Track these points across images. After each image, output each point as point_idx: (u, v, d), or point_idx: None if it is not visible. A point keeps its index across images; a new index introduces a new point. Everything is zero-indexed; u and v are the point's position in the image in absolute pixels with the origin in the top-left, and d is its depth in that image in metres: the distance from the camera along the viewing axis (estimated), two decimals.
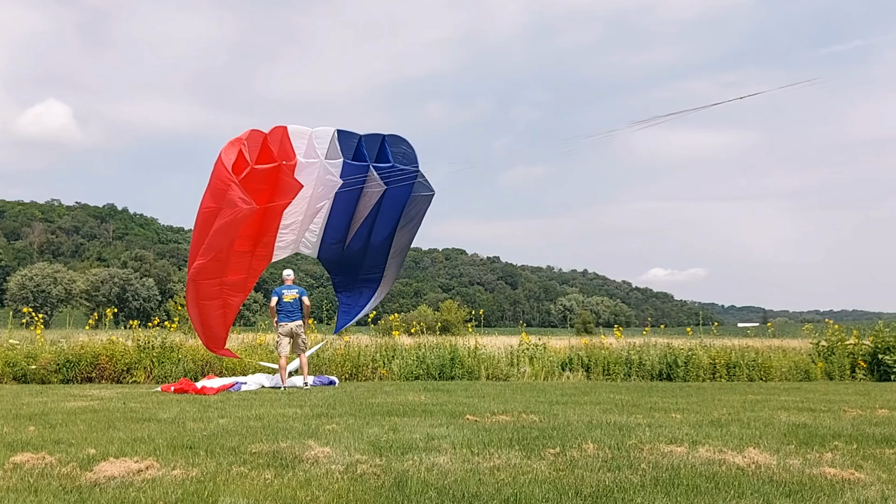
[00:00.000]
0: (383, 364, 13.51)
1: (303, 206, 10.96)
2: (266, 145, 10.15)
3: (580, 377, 13.84)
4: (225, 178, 9.54)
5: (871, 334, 14.91)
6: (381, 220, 11.46)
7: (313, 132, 10.56)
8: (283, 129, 10.36)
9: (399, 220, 11.54)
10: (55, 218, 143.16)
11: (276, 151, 10.23)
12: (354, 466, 4.62)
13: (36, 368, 12.34)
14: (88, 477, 4.29)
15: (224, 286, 10.44)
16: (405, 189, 11.13)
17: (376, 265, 12.03)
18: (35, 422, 6.74)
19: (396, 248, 11.86)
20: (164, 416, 7.28)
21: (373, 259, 11.92)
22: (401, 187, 11.04)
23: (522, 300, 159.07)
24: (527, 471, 4.54)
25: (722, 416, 7.41)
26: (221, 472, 4.43)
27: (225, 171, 9.56)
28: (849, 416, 7.54)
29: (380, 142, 10.96)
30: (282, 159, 10.29)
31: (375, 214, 11.39)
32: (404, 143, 11.08)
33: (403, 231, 11.75)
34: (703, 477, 4.37)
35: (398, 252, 11.96)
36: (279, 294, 11.63)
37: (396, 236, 11.70)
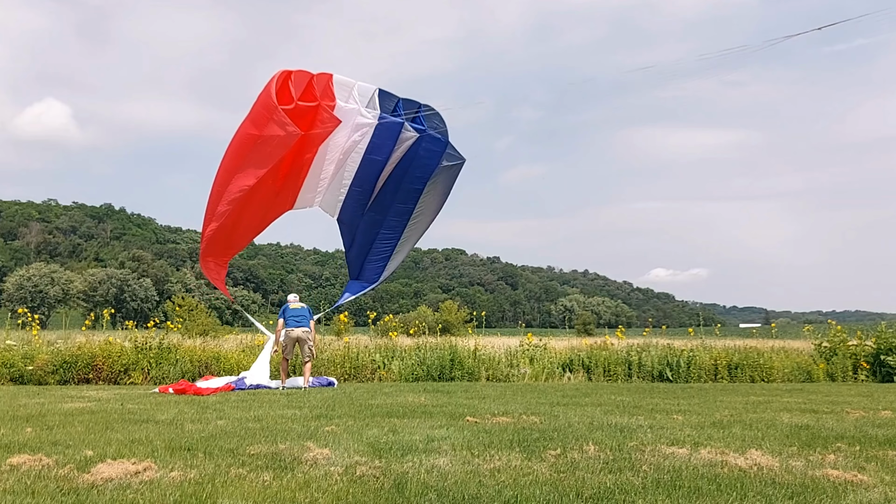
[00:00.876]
0: (383, 365, 13.48)
1: (336, 154, 11.07)
2: (311, 86, 10.52)
3: (581, 378, 13.81)
4: (269, 105, 9.93)
5: (874, 335, 14.88)
6: (406, 184, 11.53)
7: (357, 85, 10.91)
8: (329, 76, 10.77)
9: (425, 187, 11.61)
10: (52, 218, 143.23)
11: (318, 94, 10.54)
12: (354, 468, 4.59)
13: (33, 369, 12.31)
14: (86, 479, 4.27)
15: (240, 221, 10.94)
16: (434, 158, 11.26)
17: (396, 228, 12.00)
18: (32, 423, 6.71)
19: (420, 212, 11.90)
20: (162, 417, 7.24)
21: (394, 220, 11.91)
22: (430, 155, 11.16)
23: (523, 301, 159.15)
24: (527, 472, 4.51)
25: (724, 418, 7.38)
26: (220, 474, 4.40)
27: (270, 99, 9.94)
28: (852, 418, 7.51)
29: (416, 109, 11.19)
30: (323, 101, 10.62)
31: (401, 178, 11.45)
32: (437, 118, 11.30)
33: (429, 196, 11.77)
34: (705, 479, 4.35)
35: (422, 216, 11.98)
36: (284, 310, 11.55)
37: (420, 201, 11.76)
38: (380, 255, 12.17)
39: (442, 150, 11.22)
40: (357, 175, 11.42)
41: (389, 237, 12.02)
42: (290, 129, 9.84)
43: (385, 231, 11.95)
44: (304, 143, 10.59)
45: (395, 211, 11.76)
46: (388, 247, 12.11)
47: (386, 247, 12.11)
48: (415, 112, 11.13)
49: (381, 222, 11.88)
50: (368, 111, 10.94)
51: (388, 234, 11.99)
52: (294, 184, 11.18)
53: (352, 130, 10.91)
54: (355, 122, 10.87)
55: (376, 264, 12.25)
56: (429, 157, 11.22)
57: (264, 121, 10.02)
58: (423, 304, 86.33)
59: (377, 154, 11.15)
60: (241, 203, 10.61)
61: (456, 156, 11.45)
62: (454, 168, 11.57)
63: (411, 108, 11.11)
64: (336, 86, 10.73)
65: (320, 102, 10.49)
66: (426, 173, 11.38)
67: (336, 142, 10.95)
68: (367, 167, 11.31)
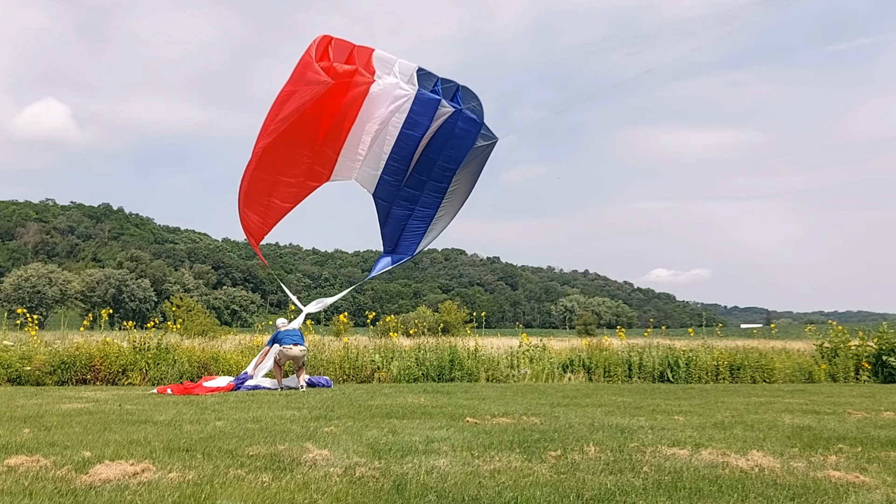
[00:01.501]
0: (382, 366, 13.45)
1: (374, 126, 11.14)
2: (352, 55, 10.66)
3: (581, 379, 13.79)
4: (307, 61, 10.16)
5: (876, 336, 14.86)
6: (441, 162, 11.57)
7: (398, 62, 11.00)
8: (371, 50, 10.92)
9: (459, 166, 11.67)
10: (50, 218, 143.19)
11: (358, 66, 10.68)
12: (353, 469, 4.57)
13: (30, 370, 12.26)
14: (84, 480, 4.25)
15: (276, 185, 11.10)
16: (469, 138, 11.33)
17: (431, 205, 12.07)
18: (30, 424, 6.68)
19: (454, 192, 11.96)
20: (161, 418, 7.22)
21: (429, 198, 11.98)
22: (465, 135, 11.25)
23: (523, 301, 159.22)
24: (528, 473, 4.49)
25: (725, 419, 7.37)
26: (218, 475, 4.38)
27: (308, 57, 10.16)
28: (853, 419, 7.50)
29: (454, 90, 11.25)
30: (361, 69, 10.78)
31: (436, 156, 11.51)
32: (475, 100, 11.35)
33: (463, 175, 11.83)
34: (706, 480, 4.34)
35: (455, 196, 12.05)
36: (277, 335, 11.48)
37: (454, 181, 11.81)
38: (414, 231, 12.28)
39: (477, 130, 11.32)
40: (394, 150, 11.50)
41: (424, 215, 12.13)
42: (324, 79, 10.05)
43: (420, 208, 12.06)
44: (341, 110, 10.75)
45: (430, 188, 11.85)
46: (423, 224, 12.22)
47: (420, 224, 12.22)
48: (453, 91, 11.23)
49: (416, 199, 11.98)
50: (408, 86, 11.05)
51: (422, 212, 12.10)
52: (332, 153, 11.30)
53: (391, 102, 11.03)
54: (394, 94, 10.98)
55: (412, 241, 12.38)
56: (464, 137, 11.32)
57: (301, 76, 10.31)
58: (423, 305, 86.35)
59: (414, 130, 11.24)
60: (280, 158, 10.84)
61: (489, 135, 11.54)
62: (488, 147, 11.66)
63: (450, 87, 11.23)
64: (376, 61, 10.86)
65: (358, 68, 10.65)
66: (461, 153, 11.47)
67: (375, 114, 11.05)
68: (403, 142, 11.39)
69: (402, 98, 10.94)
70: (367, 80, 10.70)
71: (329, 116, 10.73)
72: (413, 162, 11.59)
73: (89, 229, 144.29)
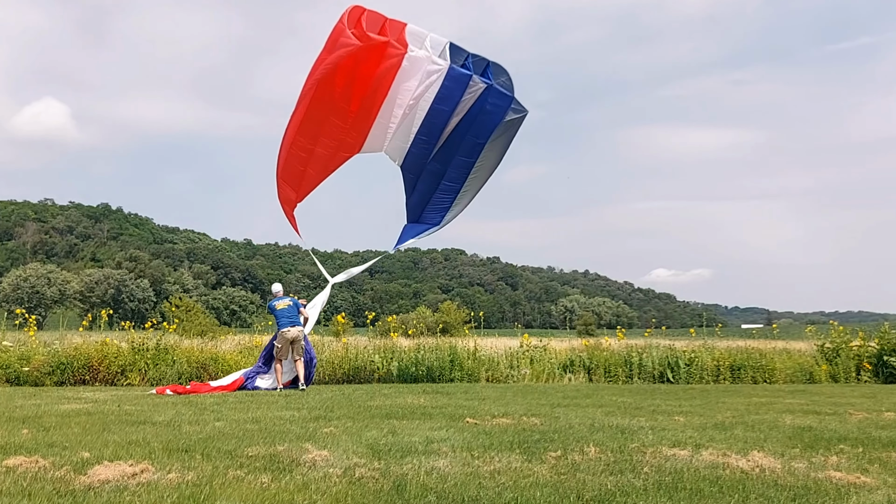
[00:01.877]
0: (382, 366, 13.43)
1: (406, 99, 11.20)
2: (384, 28, 10.78)
3: (581, 379, 13.78)
4: (339, 28, 10.32)
5: (877, 336, 14.85)
6: (470, 137, 11.61)
7: (429, 36, 11.07)
8: (404, 24, 11.06)
9: (487, 141, 11.69)
10: (48, 218, 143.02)
11: (390, 38, 10.77)
12: (353, 470, 4.55)
13: (29, 370, 12.24)
14: (82, 481, 4.23)
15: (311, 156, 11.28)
16: (498, 114, 11.35)
17: (457, 179, 12.10)
18: (28, 425, 6.66)
19: (480, 166, 11.99)
20: (160, 418, 7.20)
21: (456, 173, 12.02)
22: (495, 110, 11.27)
23: (523, 301, 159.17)
24: (528, 474, 4.48)
25: (726, 419, 7.36)
26: (217, 476, 4.36)
27: (340, 24, 10.33)
28: (855, 419, 7.50)
29: (485, 66, 11.27)
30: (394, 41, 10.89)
31: (466, 131, 11.55)
32: (505, 75, 11.37)
33: (491, 149, 11.85)
34: (707, 481, 4.32)
35: (481, 170, 12.08)
36: (272, 307, 11.69)
37: (483, 154, 11.83)
38: (439, 204, 12.33)
39: (507, 105, 11.35)
40: (424, 123, 11.56)
41: (450, 189, 12.17)
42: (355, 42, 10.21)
43: (446, 182, 12.10)
44: (374, 82, 10.83)
45: (457, 163, 11.89)
46: (448, 198, 12.26)
47: (446, 198, 12.27)
48: (483, 66, 11.27)
49: (442, 173, 12.03)
50: (440, 60, 11.11)
51: (448, 186, 12.14)
52: (364, 125, 11.39)
53: (423, 76, 11.08)
54: (426, 68, 11.03)
55: (437, 214, 12.44)
56: (494, 113, 11.35)
57: (333, 43, 10.46)
58: (423, 305, 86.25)
59: (445, 104, 11.27)
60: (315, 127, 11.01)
61: (519, 108, 11.55)
62: (517, 121, 11.69)
63: (481, 62, 11.26)
64: (409, 35, 10.96)
65: (390, 40, 10.73)
66: (490, 128, 11.50)
67: (406, 87, 11.09)
68: (434, 117, 11.45)
69: (434, 73, 10.99)
70: (399, 53, 10.75)
71: (362, 88, 10.83)
72: (442, 136, 11.64)
73: (88, 229, 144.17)
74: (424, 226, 12.46)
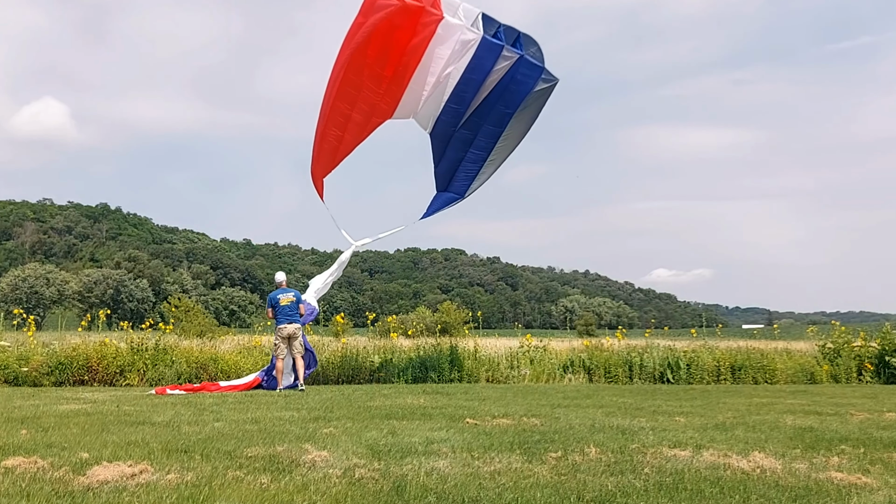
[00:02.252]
0: (381, 366, 13.41)
1: (438, 66, 11.25)
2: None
3: (582, 380, 13.76)
4: None
5: (878, 336, 14.82)
6: (499, 107, 11.63)
7: (462, 5, 11.10)
8: None
9: (516, 111, 11.72)
10: (47, 218, 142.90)
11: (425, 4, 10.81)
12: (352, 471, 4.54)
13: (28, 371, 12.21)
14: (81, 481, 4.22)
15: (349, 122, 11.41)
16: (528, 84, 11.40)
17: (485, 148, 12.16)
18: (27, 425, 6.64)
19: (508, 135, 12.05)
20: (159, 419, 7.19)
21: (484, 141, 12.07)
22: (525, 80, 11.33)
23: (523, 301, 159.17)
24: (528, 475, 4.46)
25: (727, 420, 7.35)
26: (217, 477, 4.35)
27: None
28: (856, 420, 7.49)
29: (516, 36, 11.31)
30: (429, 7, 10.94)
31: (495, 101, 11.58)
32: (535, 46, 11.41)
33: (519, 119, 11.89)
34: (708, 481, 4.31)
35: (509, 140, 12.13)
36: (275, 300, 11.56)
37: (511, 124, 11.87)
38: (467, 173, 12.38)
39: (537, 75, 11.39)
40: (454, 92, 11.61)
41: (477, 157, 12.23)
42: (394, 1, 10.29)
43: (474, 150, 12.15)
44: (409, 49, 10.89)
45: (485, 132, 11.94)
46: (476, 167, 12.32)
47: (473, 167, 12.33)
48: (515, 37, 11.30)
49: (470, 142, 12.09)
50: (473, 29, 11.16)
51: (476, 155, 12.19)
52: (397, 90, 11.46)
53: (455, 44, 11.13)
54: (460, 37, 11.08)
55: (463, 182, 12.49)
56: (524, 83, 11.38)
57: (370, 6, 10.54)
58: (422, 305, 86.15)
59: (476, 73, 11.32)
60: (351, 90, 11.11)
61: (549, 78, 11.58)
62: (547, 90, 11.70)
63: (512, 33, 11.31)
64: (443, 2, 11.01)
65: (426, 7, 10.78)
66: (519, 98, 11.54)
67: (439, 54, 11.16)
68: (464, 85, 11.49)
69: (467, 42, 11.03)
70: (435, 19, 10.80)
71: (397, 53, 10.88)
72: (472, 105, 11.68)
73: (87, 229, 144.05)
74: (451, 195, 12.52)
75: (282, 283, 11.91)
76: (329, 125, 11.60)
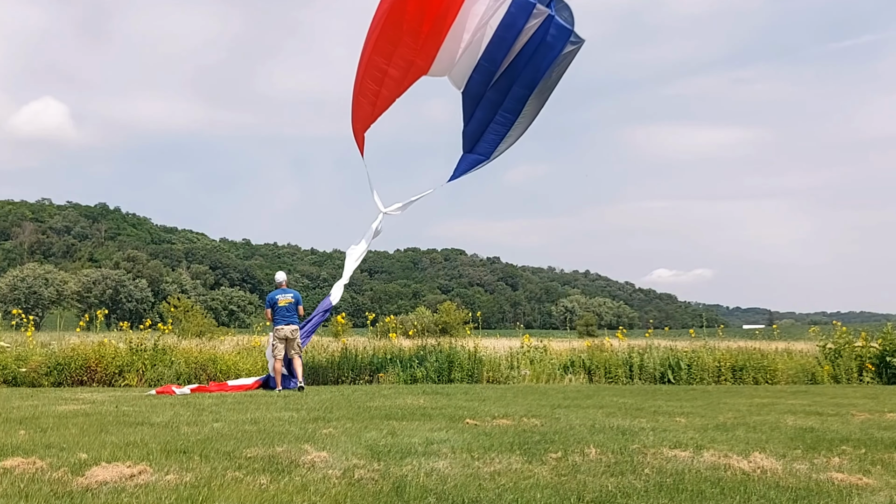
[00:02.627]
0: (381, 367, 13.40)
1: (473, 23, 11.31)
2: None
3: (582, 380, 13.75)
4: None
5: (880, 336, 14.77)
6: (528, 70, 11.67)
7: None
8: None
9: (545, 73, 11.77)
10: (46, 218, 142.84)
11: None
12: (352, 471, 4.53)
13: (26, 371, 12.20)
14: (80, 482, 4.20)
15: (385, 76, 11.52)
16: (557, 46, 11.45)
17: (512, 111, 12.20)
18: (26, 426, 6.63)
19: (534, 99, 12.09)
20: (158, 419, 7.17)
21: (511, 104, 12.12)
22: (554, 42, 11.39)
23: (523, 301, 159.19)
24: (528, 476, 4.45)
25: (727, 420, 7.33)
26: (216, 477, 4.33)
27: None
28: (857, 420, 7.47)
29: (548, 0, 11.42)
30: None
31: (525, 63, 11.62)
32: (567, 11, 11.48)
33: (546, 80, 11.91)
34: (708, 482, 4.30)
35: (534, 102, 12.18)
36: (273, 300, 11.55)
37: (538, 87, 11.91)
38: (495, 134, 12.43)
39: (566, 38, 11.45)
40: (487, 50, 11.68)
41: (505, 120, 12.27)
42: None
43: (503, 112, 12.20)
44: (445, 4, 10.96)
45: (514, 94, 11.99)
46: (503, 129, 12.37)
47: (500, 128, 12.37)
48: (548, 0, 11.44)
49: (500, 103, 12.14)
50: None
51: (504, 117, 12.24)
52: (433, 47, 11.52)
53: (490, 1, 11.18)
54: None
55: (489, 145, 12.56)
56: (553, 46, 11.44)
57: None
58: (422, 306, 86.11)
59: (508, 32, 11.37)
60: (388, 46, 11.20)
61: (576, 40, 11.63)
62: (573, 52, 11.75)
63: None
64: None
65: None
66: (548, 61, 11.58)
67: (474, 10, 11.24)
68: (496, 44, 11.55)
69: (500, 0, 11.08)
70: None
71: (434, 9, 10.94)
72: (503, 65, 11.72)
73: (86, 229, 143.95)
74: (477, 156, 12.58)
75: (282, 283, 11.88)
76: (366, 78, 11.69)
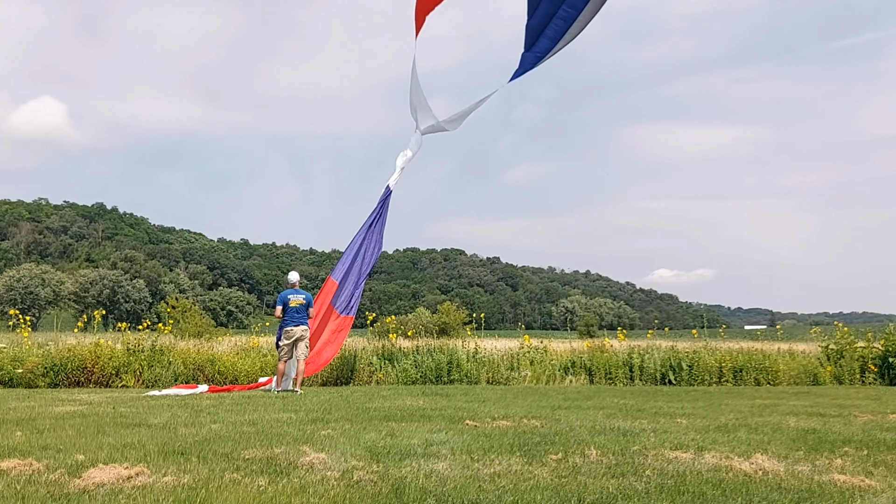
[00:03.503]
0: (380, 367, 13.37)
1: None
2: None
3: (583, 381, 13.73)
4: None
5: (882, 337, 14.77)
6: None
7: None
8: None
9: None
10: (43, 217, 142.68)
11: None
12: (351, 473, 4.50)
13: (23, 372, 12.16)
14: (77, 484, 4.17)
15: None
16: None
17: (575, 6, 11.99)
18: (22, 427, 6.60)
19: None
20: (155, 421, 7.14)
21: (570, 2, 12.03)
22: None
23: (523, 302, 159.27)
24: (528, 477, 4.43)
25: (729, 421, 7.31)
26: (214, 479, 4.30)
27: None
28: (859, 422, 7.45)
29: None
30: None
31: None
32: None
33: None
34: (710, 484, 4.28)
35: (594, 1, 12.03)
36: (285, 299, 11.37)
37: None
38: (555, 30, 12.31)
39: None
40: None
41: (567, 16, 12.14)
42: None
43: (566, 8, 12.08)
44: None
45: None
46: (565, 25, 12.25)
47: (562, 24, 12.25)
48: None
49: None
50: None
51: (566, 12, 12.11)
52: None
53: None
54: None
55: (549, 42, 12.44)
56: None
57: None
58: (422, 306, 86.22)
59: None
60: None
61: None
62: None
63: None
64: None
65: None
66: None
67: None
68: None
69: None
70: None
71: None
72: None
73: (83, 229, 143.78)
74: (535, 55, 12.52)
75: (294, 283, 11.76)
76: None
